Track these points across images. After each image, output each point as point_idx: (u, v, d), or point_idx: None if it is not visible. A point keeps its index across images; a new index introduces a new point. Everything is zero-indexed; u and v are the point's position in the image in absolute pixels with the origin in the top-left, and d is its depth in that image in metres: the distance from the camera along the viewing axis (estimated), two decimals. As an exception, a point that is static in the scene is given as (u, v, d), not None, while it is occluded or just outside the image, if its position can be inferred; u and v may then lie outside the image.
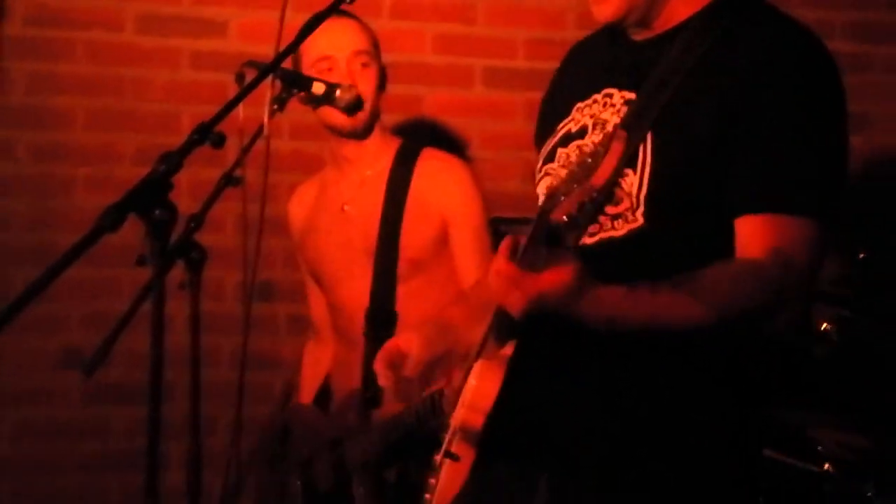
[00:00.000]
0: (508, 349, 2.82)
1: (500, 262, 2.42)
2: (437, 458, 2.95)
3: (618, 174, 2.57)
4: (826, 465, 4.04)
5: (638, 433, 2.74)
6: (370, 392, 4.10)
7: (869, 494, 3.93)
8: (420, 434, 3.66)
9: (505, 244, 2.44)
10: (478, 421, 2.83)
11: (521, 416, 2.85)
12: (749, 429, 2.84)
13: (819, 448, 4.12)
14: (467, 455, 2.87)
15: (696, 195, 2.61)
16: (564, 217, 2.46)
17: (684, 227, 2.62)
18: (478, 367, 2.84)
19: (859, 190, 4.39)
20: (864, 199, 4.54)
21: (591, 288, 2.41)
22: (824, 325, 4.27)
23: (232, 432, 4.35)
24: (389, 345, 3.16)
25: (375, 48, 4.07)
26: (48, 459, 4.86)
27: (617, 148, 2.52)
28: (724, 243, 2.59)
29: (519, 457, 2.94)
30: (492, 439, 2.85)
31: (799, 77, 2.65)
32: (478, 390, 2.85)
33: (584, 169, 2.52)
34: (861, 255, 4.34)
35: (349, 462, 4.07)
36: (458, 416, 2.90)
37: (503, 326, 2.80)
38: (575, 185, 2.50)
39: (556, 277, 2.36)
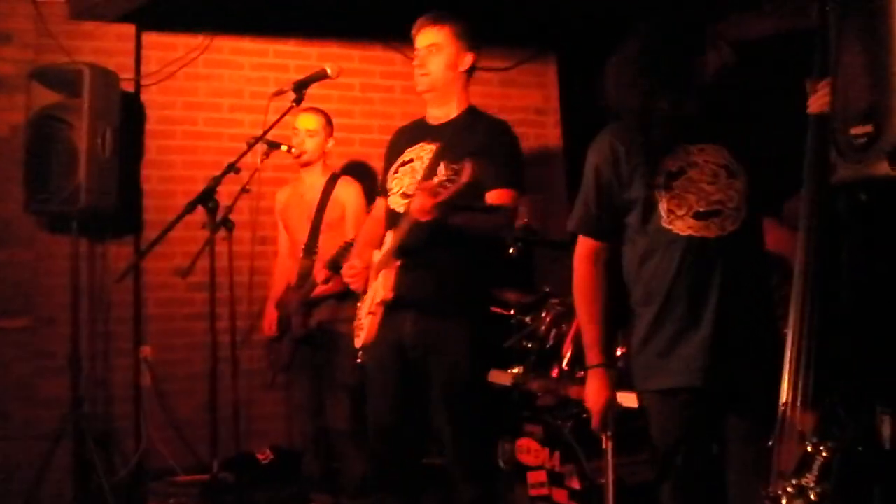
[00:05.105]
0: (398, 263, 4.05)
1: (428, 199, 3.66)
2: (363, 315, 4.21)
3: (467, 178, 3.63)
4: (512, 311, 5.19)
5: (446, 290, 4.06)
6: (301, 282, 5.38)
7: (528, 321, 5.06)
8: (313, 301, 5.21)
9: (427, 190, 3.67)
10: (387, 297, 4.07)
11: (400, 291, 4.05)
12: (484, 293, 4.37)
13: (509, 302, 5.22)
14: (378, 313, 4.12)
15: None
16: (454, 194, 3.62)
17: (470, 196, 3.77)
18: (384, 272, 4.09)
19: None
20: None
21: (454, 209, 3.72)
22: (511, 249, 5.11)
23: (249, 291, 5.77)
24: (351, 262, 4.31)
25: (322, 127, 5.44)
26: (168, 300, 6.16)
27: (469, 167, 3.61)
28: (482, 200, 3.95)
29: (398, 307, 4.09)
30: (390, 304, 4.08)
31: (503, 138, 4.15)
32: (384, 283, 4.07)
33: (457, 175, 3.59)
34: (525, 221, 5.24)
35: (294, 306, 5.35)
36: (376, 295, 4.12)
37: (397, 252, 4.02)
38: (448, 184, 3.60)
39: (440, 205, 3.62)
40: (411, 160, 4.19)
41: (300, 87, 4.39)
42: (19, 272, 5.88)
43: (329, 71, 4.36)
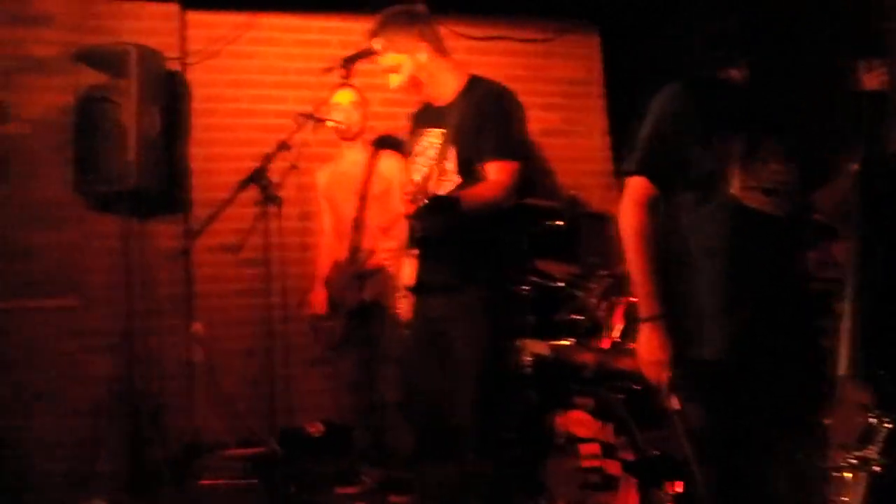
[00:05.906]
0: (416, 251, 4.26)
1: (409, 205, 3.83)
2: (400, 296, 4.33)
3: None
4: (559, 283, 5.12)
5: (458, 273, 4.17)
6: (353, 256, 5.47)
7: (579, 295, 4.94)
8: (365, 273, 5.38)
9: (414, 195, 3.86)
10: (409, 283, 4.26)
11: (422, 278, 4.23)
12: (500, 270, 4.30)
13: (556, 275, 5.16)
14: (409, 297, 4.30)
15: (469, 159, 3.99)
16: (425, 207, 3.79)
17: (466, 173, 3.97)
18: (405, 261, 4.29)
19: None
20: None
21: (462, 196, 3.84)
22: (558, 222, 5.28)
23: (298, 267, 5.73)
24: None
25: (361, 99, 5.63)
26: (218, 276, 6.17)
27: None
28: (476, 178, 4.03)
29: (423, 292, 4.26)
30: (415, 289, 4.26)
31: (498, 106, 4.14)
32: (408, 269, 4.27)
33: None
34: (571, 194, 5.52)
35: (346, 280, 5.46)
36: (403, 282, 4.32)
37: (413, 243, 4.24)
38: (423, 197, 3.83)
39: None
40: (425, 149, 4.27)
41: (348, 63, 4.41)
42: (67, 252, 5.91)
43: (376, 47, 4.31)
